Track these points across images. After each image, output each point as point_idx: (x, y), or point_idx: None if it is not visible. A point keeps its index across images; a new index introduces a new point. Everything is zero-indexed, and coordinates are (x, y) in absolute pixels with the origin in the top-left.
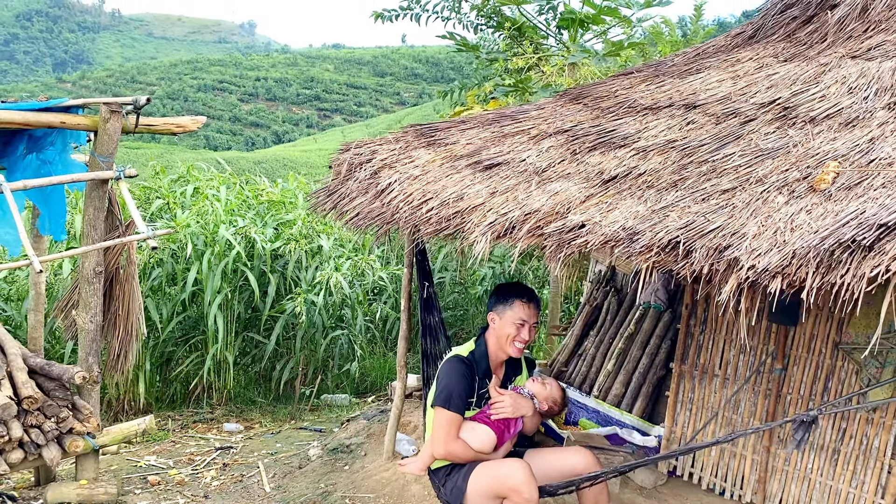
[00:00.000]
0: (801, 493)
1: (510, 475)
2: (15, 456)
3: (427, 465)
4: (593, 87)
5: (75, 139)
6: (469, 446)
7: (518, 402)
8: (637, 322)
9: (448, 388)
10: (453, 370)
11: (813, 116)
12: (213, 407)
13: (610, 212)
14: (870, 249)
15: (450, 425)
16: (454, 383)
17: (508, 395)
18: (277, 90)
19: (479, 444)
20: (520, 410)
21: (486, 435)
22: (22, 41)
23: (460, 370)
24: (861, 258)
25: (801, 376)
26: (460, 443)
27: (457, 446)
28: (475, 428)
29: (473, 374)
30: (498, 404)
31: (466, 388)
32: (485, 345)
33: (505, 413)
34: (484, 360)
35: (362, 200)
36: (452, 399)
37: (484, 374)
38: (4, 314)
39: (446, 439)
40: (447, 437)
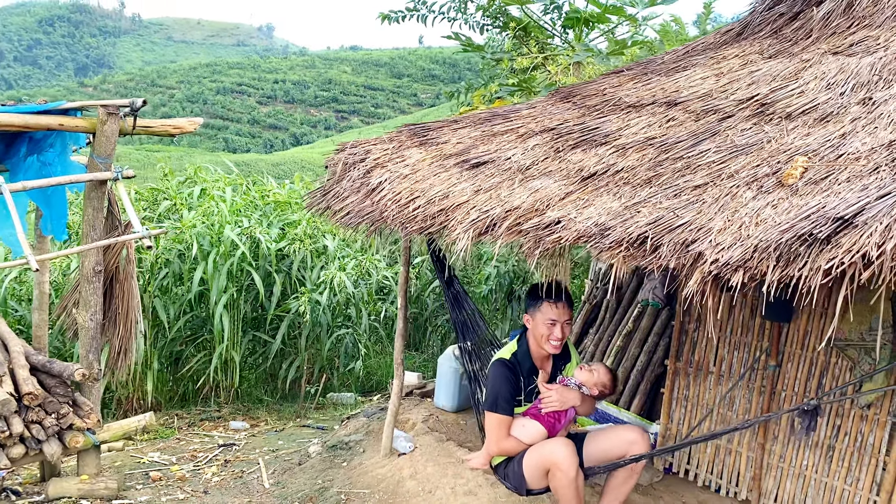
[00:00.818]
0: (796, 489)
1: (553, 451)
2: (16, 451)
3: (488, 461)
4: (583, 86)
5: (74, 141)
6: (521, 442)
7: (565, 395)
8: (635, 320)
9: (494, 393)
10: (498, 374)
11: (789, 112)
12: (220, 405)
13: (585, 208)
14: (827, 242)
15: (499, 426)
16: (499, 387)
17: (556, 390)
18: (295, 92)
19: (530, 439)
20: (568, 402)
21: (535, 430)
22: (45, 46)
23: (504, 374)
24: (818, 251)
25: (796, 373)
26: (512, 440)
27: (508, 444)
28: (525, 424)
29: (518, 375)
30: (546, 399)
31: (511, 390)
32: (526, 344)
33: (553, 406)
34: (527, 358)
35: (353, 199)
36: (498, 402)
37: (529, 371)
38: (17, 314)
39: (498, 439)
40: (499, 437)
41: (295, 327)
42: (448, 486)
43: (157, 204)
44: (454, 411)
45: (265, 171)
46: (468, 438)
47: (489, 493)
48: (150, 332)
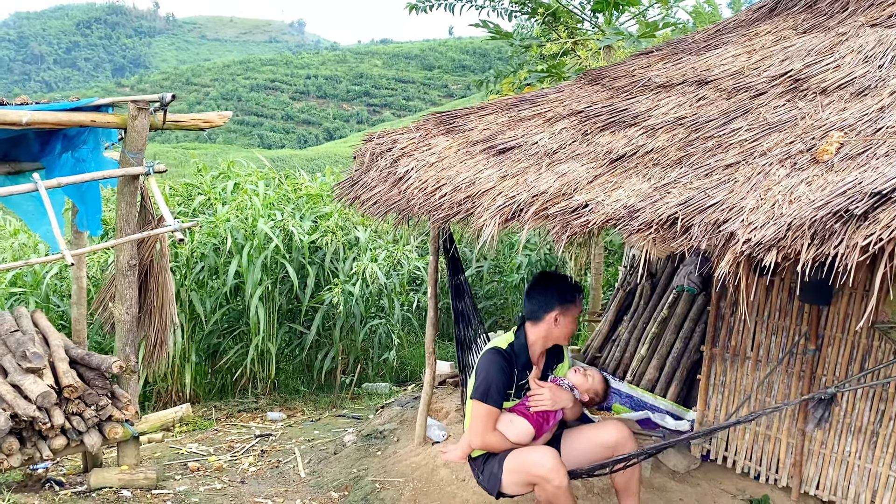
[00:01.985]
0: (838, 476)
1: (538, 463)
2: (58, 442)
3: (467, 454)
4: (612, 68)
5: (107, 137)
6: (506, 438)
7: (557, 395)
8: (671, 306)
9: (486, 382)
10: (492, 363)
11: (825, 87)
12: (257, 397)
13: (614, 191)
14: (864, 219)
15: (487, 418)
16: (492, 377)
17: (548, 388)
18: (328, 87)
19: (517, 437)
20: (559, 403)
21: (523, 428)
22: (83, 48)
23: (499, 363)
24: (855, 228)
25: (837, 357)
26: (497, 435)
27: (493, 438)
28: (513, 420)
29: (512, 367)
30: (537, 397)
31: (504, 382)
32: (524, 337)
33: (544, 406)
34: (523, 351)
35: (381, 189)
36: (490, 393)
37: (524, 365)
38: (59, 309)
39: (483, 432)
40: (484, 430)
41: (329, 318)
42: None
43: (192, 199)
44: None
45: (299, 167)
46: None
47: None
48: (187, 325)
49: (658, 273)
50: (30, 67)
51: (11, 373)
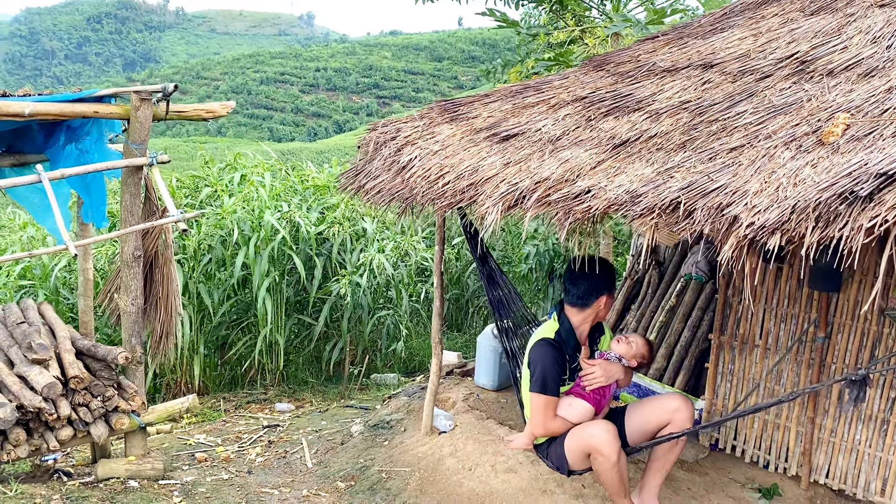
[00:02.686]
0: (848, 464)
1: (593, 436)
2: (65, 433)
3: (531, 442)
4: (617, 54)
5: (110, 128)
6: (568, 422)
7: (609, 369)
8: (678, 295)
9: (542, 374)
10: (545, 355)
11: (831, 69)
12: (266, 388)
13: (617, 176)
14: (869, 200)
15: (546, 408)
16: (548, 368)
17: (598, 365)
18: (337, 80)
19: (578, 417)
20: (612, 377)
21: (583, 408)
22: (93, 43)
23: (552, 354)
24: (860, 210)
25: (846, 344)
26: (559, 420)
27: (555, 424)
28: (572, 403)
29: (564, 354)
30: (590, 376)
31: (559, 370)
32: (568, 321)
33: (598, 382)
34: (571, 336)
35: (384, 177)
36: (547, 383)
37: (574, 349)
38: (68, 302)
39: (545, 420)
40: (545, 419)
41: (337, 310)
42: (488, 463)
43: (199, 191)
44: (494, 390)
45: (309, 159)
46: (509, 416)
47: (530, 471)
48: (195, 317)
49: (666, 261)
50: (41, 63)
51: (18, 364)
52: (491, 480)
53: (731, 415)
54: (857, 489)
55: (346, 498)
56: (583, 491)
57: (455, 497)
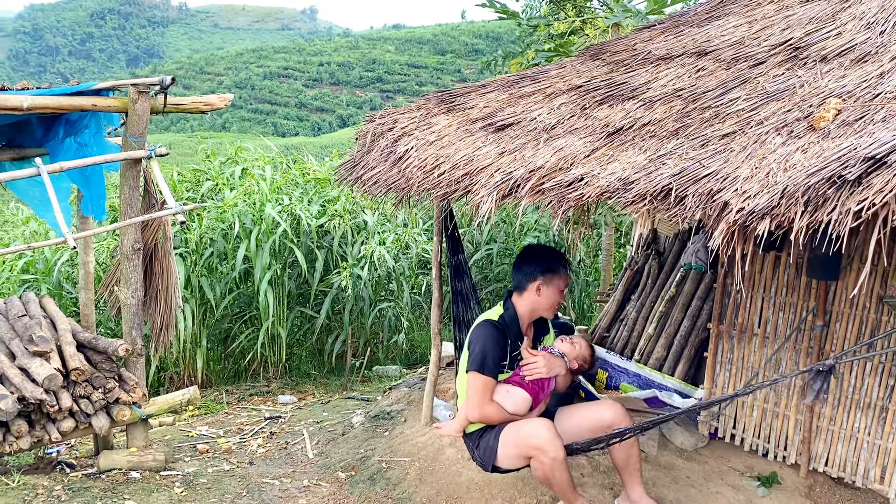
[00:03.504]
0: (847, 452)
1: (534, 434)
2: (66, 425)
3: (463, 428)
4: (613, 43)
5: (109, 122)
6: (504, 409)
7: (552, 362)
8: (678, 284)
9: (482, 353)
10: (487, 335)
11: (825, 55)
12: (268, 380)
13: (610, 164)
14: (858, 184)
15: (484, 389)
16: (489, 348)
17: (542, 356)
18: (341, 74)
19: (515, 406)
20: (553, 370)
21: (521, 397)
22: (97, 39)
23: (493, 335)
24: (848, 194)
25: (845, 333)
26: (495, 405)
27: (491, 409)
28: (510, 391)
29: (506, 338)
30: (531, 365)
31: (499, 352)
32: (513, 308)
33: (539, 373)
34: (514, 323)
35: (381, 168)
36: (486, 363)
37: (516, 336)
38: (71, 296)
39: (481, 403)
40: (482, 401)
41: (338, 302)
42: None
43: (200, 185)
44: None
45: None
46: None
47: None
48: (198, 310)
49: (666, 251)
50: (45, 59)
51: (19, 356)
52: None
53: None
54: (856, 477)
55: (347, 488)
56: (581, 479)
57: (454, 486)
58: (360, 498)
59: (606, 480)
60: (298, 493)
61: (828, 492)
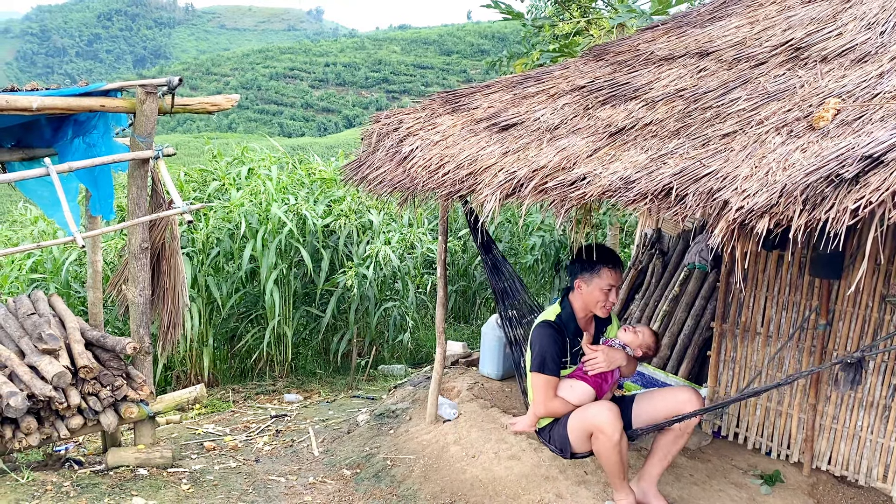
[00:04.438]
0: (850, 451)
1: (596, 415)
2: (75, 422)
3: (534, 424)
4: (617, 44)
5: (117, 122)
6: (568, 402)
7: (611, 356)
8: (682, 284)
9: (541, 353)
10: (543, 335)
11: (825, 55)
12: (275, 379)
13: (612, 163)
14: (855, 182)
15: (546, 387)
16: (546, 347)
17: (601, 351)
18: (347, 75)
19: (578, 399)
20: (614, 363)
21: (583, 390)
22: (104, 41)
23: (550, 334)
24: (846, 192)
25: (848, 332)
26: (559, 401)
27: (556, 404)
28: (573, 385)
29: (564, 336)
30: (592, 360)
31: (558, 351)
32: (570, 306)
33: (600, 368)
34: (571, 320)
35: (386, 168)
36: (546, 363)
37: (574, 333)
38: (79, 295)
39: (545, 399)
40: (545, 398)
41: (344, 301)
42: (492, 450)
43: (207, 185)
44: (499, 379)
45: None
46: (513, 405)
47: (532, 458)
48: (204, 309)
49: (669, 251)
50: (53, 60)
51: (28, 354)
52: (494, 467)
53: (731, 399)
54: (859, 475)
55: (352, 485)
56: (585, 477)
57: (458, 483)
58: (365, 495)
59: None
60: (304, 490)
61: (831, 490)
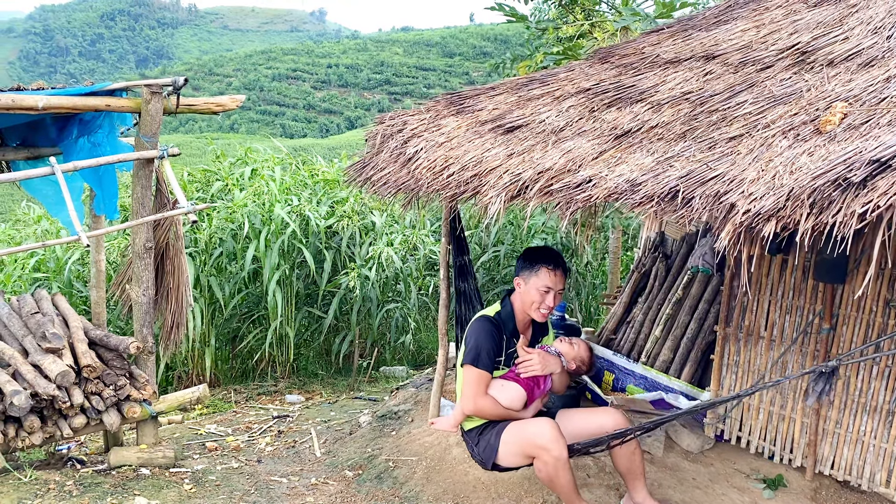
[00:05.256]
0: (853, 456)
1: (539, 433)
2: (78, 421)
3: (458, 423)
4: (622, 46)
5: (122, 122)
6: (498, 403)
7: (546, 360)
8: (685, 287)
9: (476, 347)
10: (481, 329)
11: (832, 59)
12: (276, 380)
13: (617, 165)
14: (862, 186)
15: (478, 382)
16: (482, 341)
17: (537, 353)
18: (349, 76)
19: (509, 400)
20: (548, 368)
21: (515, 392)
22: (107, 41)
23: (488, 329)
24: (853, 196)
25: (851, 336)
26: (489, 399)
27: (485, 402)
28: (505, 385)
29: (501, 333)
30: (526, 362)
31: (494, 347)
32: (511, 305)
33: (534, 370)
34: (510, 320)
35: (391, 169)
36: (480, 357)
37: (511, 333)
38: (81, 294)
39: (475, 396)
40: (476, 394)
41: (346, 303)
42: None
43: (210, 185)
44: None
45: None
46: None
47: None
48: (207, 310)
49: (673, 254)
50: (55, 60)
51: (32, 353)
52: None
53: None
54: (861, 480)
55: (354, 486)
56: (587, 480)
57: (460, 485)
58: (367, 496)
59: (612, 481)
60: (306, 490)
61: (833, 495)
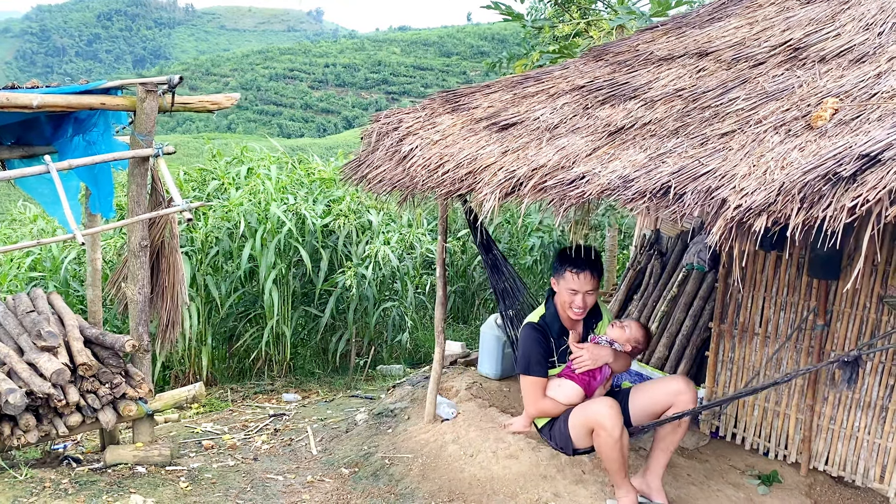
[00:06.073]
0: (847, 451)
1: (597, 412)
2: (74, 419)
3: (528, 423)
4: (616, 44)
5: (117, 120)
6: (557, 402)
7: (596, 353)
8: (680, 284)
9: (526, 356)
10: (527, 337)
11: (823, 55)
12: (273, 379)
13: (611, 162)
14: (852, 181)
15: (534, 388)
16: (529, 350)
17: (586, 348)
18: (346, 76)
19: (566, 398)
20: (600, 360)
21: (571, 389)
22: (104, 41)
23: (533, 336)
24: (843, 190)
25: (845, 332)
26: (548, 400)
27: (545, 404)
28: (561, 384)
29: (548, 337)
30: (577, 359)
31: (542, 352)
32: (554, 306)
33: (585, 365)
34: (555, 320)
35: (386, 167)
36: (531, 365)
37: (559, 332)
38: (78, 293)
39: (535, 400)
40: (535, 399)
41: (343, 301)
42: (490, 449)
43: (206, 184)
44: (497, 378)
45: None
46: (511, 404)
47: (531, 457)
48: (203, 308)
49: (668, 252)
50: (52, 60)
51: (27, 351)
52: (492, 466)
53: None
54: (856, 476)
55: (350, 483)
56: (583, 476)
57: (457, 482)
58: (363, 493)
59: (607, 478)
60: (302, 488)
61: (828, 491)
